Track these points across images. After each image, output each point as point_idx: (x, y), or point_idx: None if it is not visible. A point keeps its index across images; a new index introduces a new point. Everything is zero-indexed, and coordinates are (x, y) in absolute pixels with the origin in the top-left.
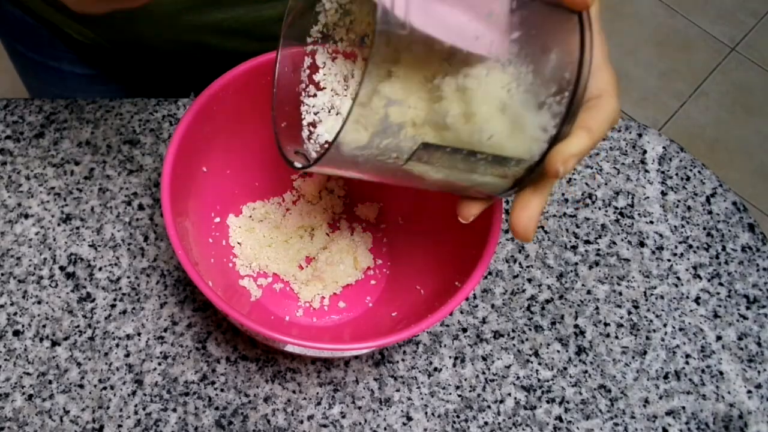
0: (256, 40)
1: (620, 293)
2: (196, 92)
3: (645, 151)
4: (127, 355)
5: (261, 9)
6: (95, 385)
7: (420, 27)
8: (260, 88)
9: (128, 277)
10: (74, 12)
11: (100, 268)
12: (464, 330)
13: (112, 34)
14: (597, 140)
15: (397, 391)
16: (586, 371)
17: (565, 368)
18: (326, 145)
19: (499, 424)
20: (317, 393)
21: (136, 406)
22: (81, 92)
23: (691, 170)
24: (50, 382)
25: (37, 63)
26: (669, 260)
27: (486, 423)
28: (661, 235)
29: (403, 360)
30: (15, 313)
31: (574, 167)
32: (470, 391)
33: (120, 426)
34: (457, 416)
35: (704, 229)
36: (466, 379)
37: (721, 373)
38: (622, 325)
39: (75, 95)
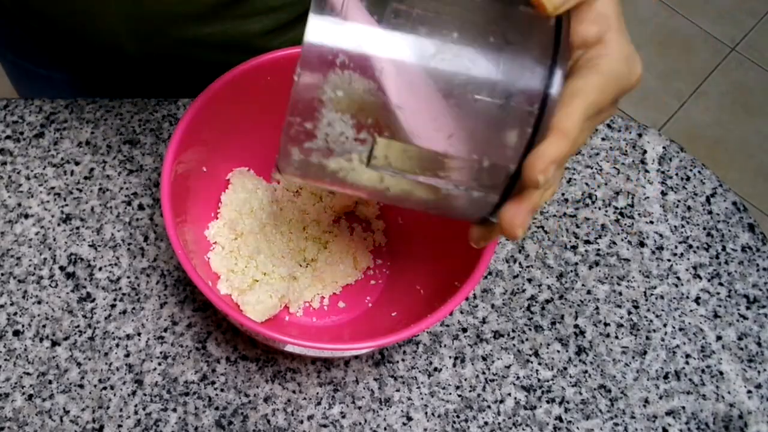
0: (242, 53)
1: (620, 293)
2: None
3: (645, 151)
4: (127, 355)
5: (247, 23)
6: (95, 385)
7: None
8: (260, 88)
9: (128, 277)
10: (55, 22)
11: (100, 268)
12: (464, 330)
13: (97, 45)
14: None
15: (397, 391)
16: (586, 371)
17: (565, 368)
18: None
19: (499, 424)
20: (317, 393)
21: (136, 406)
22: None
23: (691, 170)
24: (50, 382)
25: (28, 70)
26: (669, 260)
27: (486, 423)
28: (661, 235)
29: (403, 360)
30: (15, 313)
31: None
32: (470, 391)
33: (120, 426)
34: (457, 416)
35: (704, 229)
36: (466, 379)
37: (721, 373)
38: (622, 325)
39: None
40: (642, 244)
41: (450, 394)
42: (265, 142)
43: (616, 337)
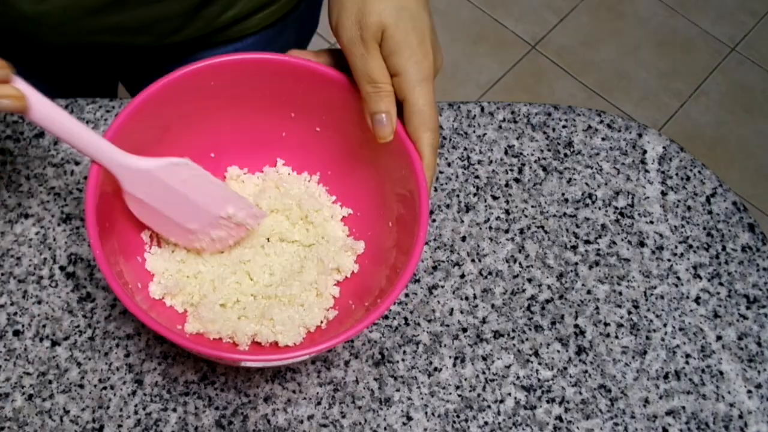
0: (150, 34)
1: (620, 293)
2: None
3: (645, 151)
4: (127, 355)
5: (160, 8)
6: (95, 385)
7: None
8: (202, 93)
9: None
10: None
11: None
12: (464, 330)
13: (16, 35)
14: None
15: (397, 391)
16: (586, 371)
17: (565, 368)
18: None
19: (499, 424)
20: (317, 393)
21: (136, 406)
22: None
23: (691, 170)
24: (50, 382)
25: None
26: (669, 260)
27: (486, 423)
28: (661, 235)
29: (403, 360)
30: (15, 313)
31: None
32: (470, 391)
33: (120, 426)
34: (457, 416)
35: (704, 229)
36: (466, 379)
37: (721, 373)
38: (622, 325)
39: None
40: (642, 244)
41: (450, 394)
42: (209, 146)
43: (616, 337)
